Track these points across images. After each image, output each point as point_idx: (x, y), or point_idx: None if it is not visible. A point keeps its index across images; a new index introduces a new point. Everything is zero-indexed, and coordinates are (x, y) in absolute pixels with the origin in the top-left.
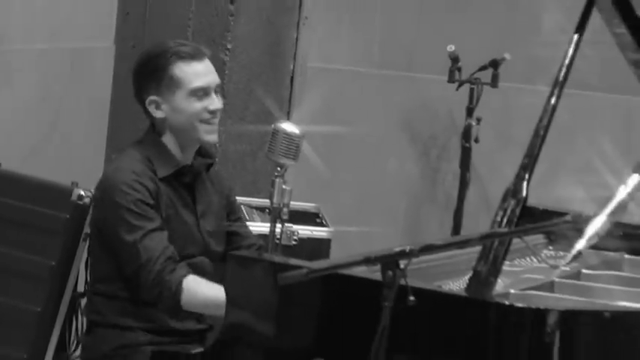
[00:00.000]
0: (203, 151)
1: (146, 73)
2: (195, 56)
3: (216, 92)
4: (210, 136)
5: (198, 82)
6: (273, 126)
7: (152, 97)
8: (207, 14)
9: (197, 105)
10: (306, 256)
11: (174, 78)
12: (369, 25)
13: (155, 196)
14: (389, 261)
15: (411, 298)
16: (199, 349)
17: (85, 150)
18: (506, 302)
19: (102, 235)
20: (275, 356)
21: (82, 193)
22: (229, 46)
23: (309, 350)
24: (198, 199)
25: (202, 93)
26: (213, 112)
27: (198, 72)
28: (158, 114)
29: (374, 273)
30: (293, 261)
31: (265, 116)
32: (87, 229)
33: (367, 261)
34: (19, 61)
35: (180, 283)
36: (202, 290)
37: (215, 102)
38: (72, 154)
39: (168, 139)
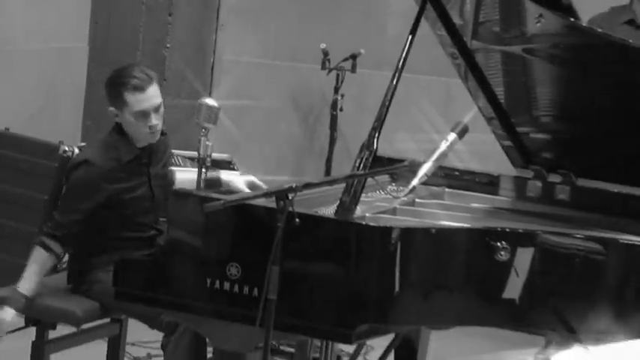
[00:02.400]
0: None
1: (110, 91)
2: (138, 88)
3: (155, 111)
4: (151, 140)
5: (139, 107)
6: (199, 101)
7: (111, 109)
8: (152, 23)
9: (139, 123)
10: (223, 193)
11: (124, 101)
12: (267, 29)
13: (106, 178)
14: (281, 194)
15: (297, 220)
16: (149, 258)
17: (68, 119)
18: (363, 222)
19: None
20: (202, 262)
21: (66, 148)
22: (168, 45)
23: (227, 258)
24: (151, 166)
25: (142, 115)
26: (150, 128)
27: (139, 100)
28: (116, 119)
29: (270, 203)
30: (214, 195)
31: (194, 94)
32: None
33: (266, 195)
34: (20, 57)
35: (35, 247)
36: (31, 262)
37: (152, 120)
38: (59, 122)
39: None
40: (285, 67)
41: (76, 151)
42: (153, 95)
